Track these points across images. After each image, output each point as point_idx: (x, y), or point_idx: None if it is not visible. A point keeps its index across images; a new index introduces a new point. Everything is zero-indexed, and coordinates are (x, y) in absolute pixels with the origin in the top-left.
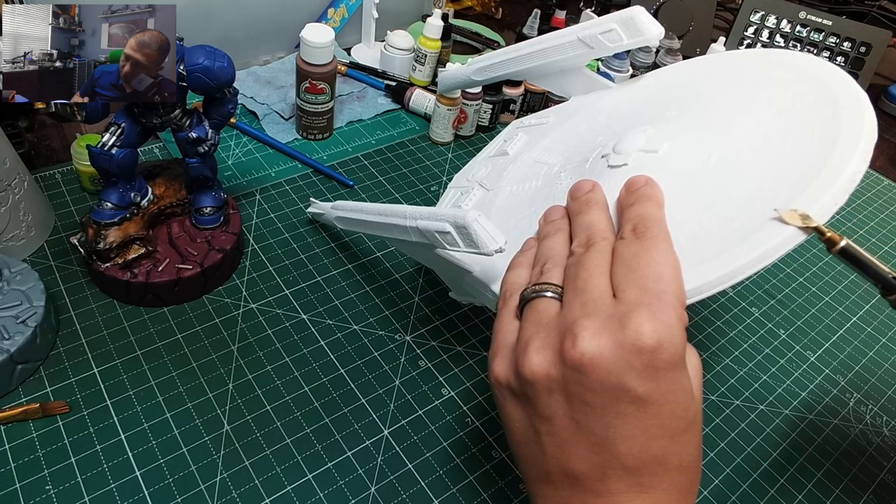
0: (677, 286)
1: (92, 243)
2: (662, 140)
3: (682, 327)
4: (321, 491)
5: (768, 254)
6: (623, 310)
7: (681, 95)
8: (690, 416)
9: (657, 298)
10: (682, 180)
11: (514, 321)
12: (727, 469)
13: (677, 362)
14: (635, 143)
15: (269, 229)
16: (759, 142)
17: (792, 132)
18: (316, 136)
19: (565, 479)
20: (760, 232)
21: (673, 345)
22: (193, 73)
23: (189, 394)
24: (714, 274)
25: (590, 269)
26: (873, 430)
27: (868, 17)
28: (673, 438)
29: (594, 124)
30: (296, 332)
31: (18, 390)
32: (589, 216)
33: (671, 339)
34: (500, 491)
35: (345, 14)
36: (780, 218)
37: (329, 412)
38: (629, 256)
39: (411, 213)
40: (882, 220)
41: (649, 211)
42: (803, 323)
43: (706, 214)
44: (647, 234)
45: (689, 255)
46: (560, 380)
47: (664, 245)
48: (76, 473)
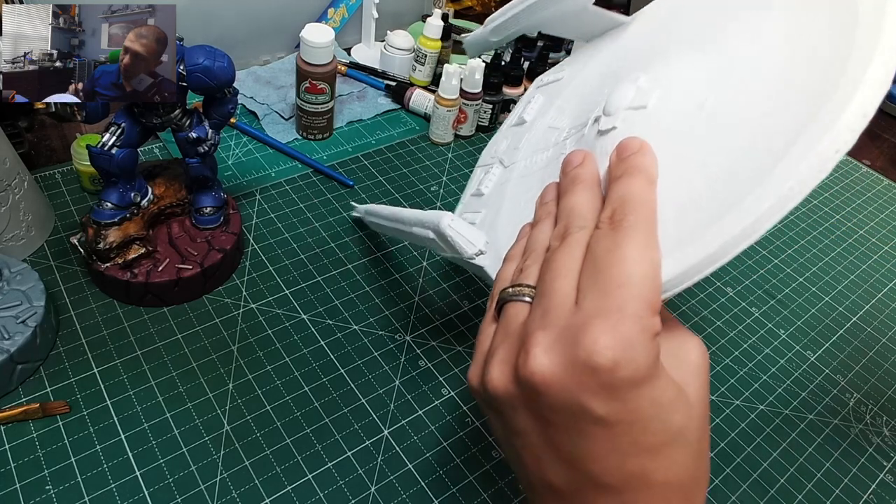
0: (648, 290)
1: (92, 243)
2: (653, 90)
3: (649, 337)
4: (321, 491)
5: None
6: (579, 321)
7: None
8: (673, 428)
9: (618, 308)
10: (676, 137)
11: (492, 324)
12: (727, 469)
13: (641, 378)
14: (624, 98)
15: (269, 229)
16: (762, 75)
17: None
18: (316, 136)
19: (548, 491)
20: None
21: (633, 362)
22: (193, 73)
23: (189, 394)
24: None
25: (557, 268)
26: (873, 430)
27: None
28: (653, 454)
29: (604, 74)
30: (296, 332)
31: (18, 390)
32: (572, 198)
33: (630, 356)
34: (500, 491)
35: (345, 14)
36: None
37: (329, 412)
38: (599, 253)
39: (408, 218)
40: (882, 220)
41: (634, 190)
42: (803, 323)
43: (698, 177)
44: (622, 224)
45: (676, 234)
46: (520, 396)
47: (641, 237)
48: (76, 473)
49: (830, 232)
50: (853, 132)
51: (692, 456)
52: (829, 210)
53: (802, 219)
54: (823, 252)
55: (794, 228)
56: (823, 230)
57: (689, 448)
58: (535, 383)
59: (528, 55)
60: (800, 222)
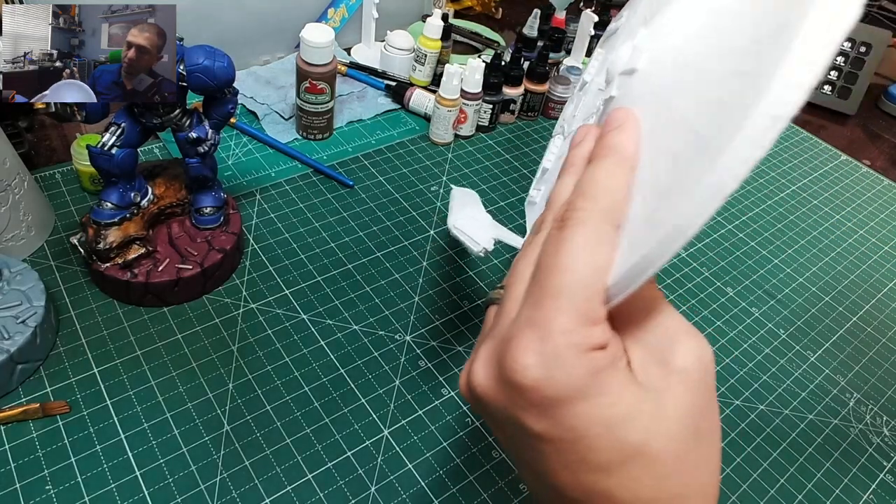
0: (581, 299)
1: (92, 243)
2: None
3: (580, 353)
4: (321, 491)
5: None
6: (509, 334)
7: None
8: (628, 445)
9: (546, 321)
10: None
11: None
12: (727, 469)
13: (569, 397)
14: (620, 60)
15: (269, 229)
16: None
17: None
18: (316, 136)
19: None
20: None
21: (554, 381)
22: (193, 73)
23: (189, 394)
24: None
25: (518, 272)
26: (873, 430)
27: (868, 17)
28: (609, 472)
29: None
30: (296, 332)
31: (18, 390)
32: (556, 188)
33: (553, 375)
34: (500, 491)
35: (345, 14)
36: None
37: (329, 412)
38: (542, 257)
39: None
40: (882, 220)
41: (597, 176)
42: (803, 323)
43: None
44: (570, 221)
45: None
46: (476, 405)
47: (584, 236)
48: (76, 473)
49: (830, 232)
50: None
51: (662, 474)
52: (829, 210)
53: (802, 219)
54: (823, 252)
55: (794, 228)
56: (823, 230)
57: (657, 465)
58: (478, 396)
59: (528, 55)
60: (800, 222)
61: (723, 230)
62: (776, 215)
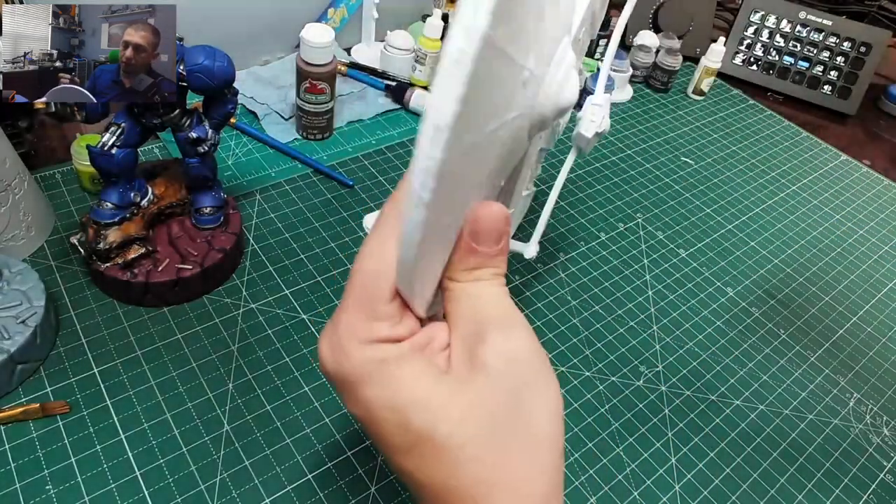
0: (361, 293)
1: (92, 243)
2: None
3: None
4: (321, 491)
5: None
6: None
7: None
8: (412, 430)
9: (338, 316)
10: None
11: None
12: (727, 469)
13: (356, 382)
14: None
15: (269, 229)
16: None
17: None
18: (316, 136)
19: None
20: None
21: (341, 367)
22: (193, 73)
23: (189, 394)
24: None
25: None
26: (873, 430)
27: (868, 17)
28: (405, 455)
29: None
30: (296, 332)
31: (18, 390)
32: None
33: (339, 361)
34: None
35: (345, 14)
36: None
37: (329, 412)
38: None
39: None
40: (882, 220)
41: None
42: (803, 323)
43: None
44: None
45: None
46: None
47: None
48: (76, 473)
49: (830, 232)
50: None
51: (455, 460)
52: (829, 210)
53: (802, 219)
54: (823, 252)
55: (793, 228)
56: (823, 230)
57: (446, 451)
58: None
59: None
60: (800, 222)
61: (723, 230)
62: (776, 215)
